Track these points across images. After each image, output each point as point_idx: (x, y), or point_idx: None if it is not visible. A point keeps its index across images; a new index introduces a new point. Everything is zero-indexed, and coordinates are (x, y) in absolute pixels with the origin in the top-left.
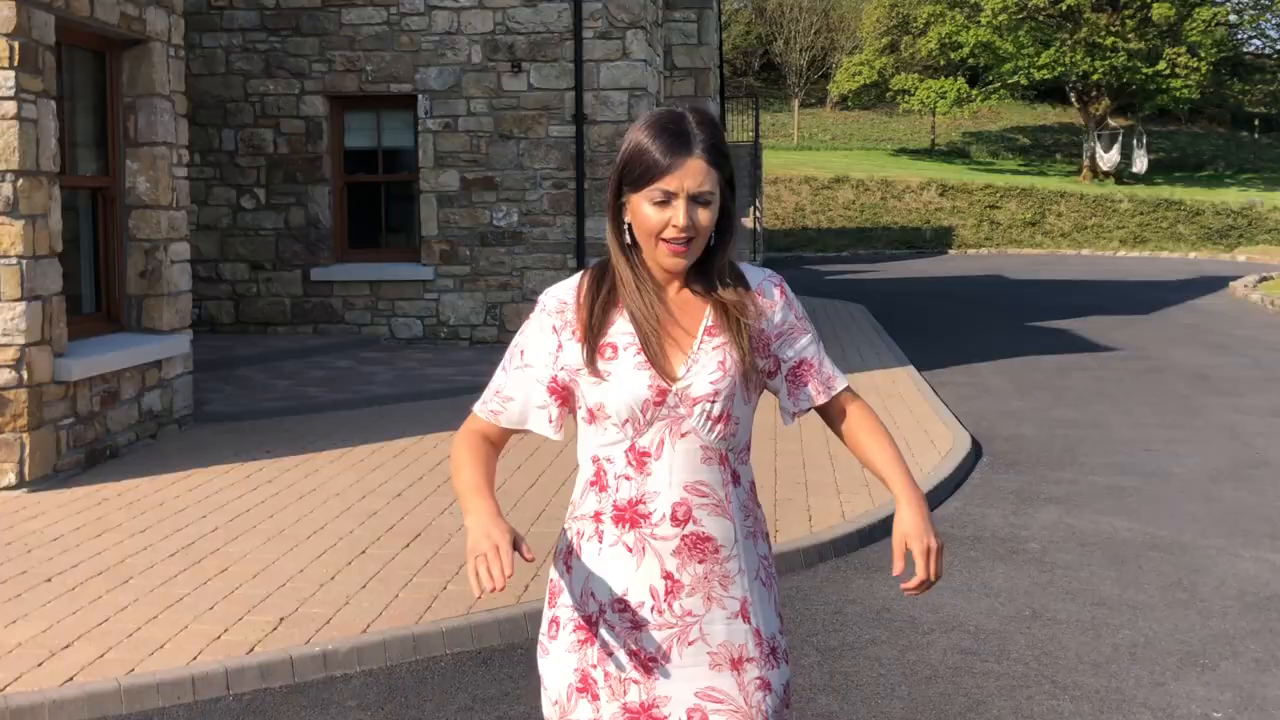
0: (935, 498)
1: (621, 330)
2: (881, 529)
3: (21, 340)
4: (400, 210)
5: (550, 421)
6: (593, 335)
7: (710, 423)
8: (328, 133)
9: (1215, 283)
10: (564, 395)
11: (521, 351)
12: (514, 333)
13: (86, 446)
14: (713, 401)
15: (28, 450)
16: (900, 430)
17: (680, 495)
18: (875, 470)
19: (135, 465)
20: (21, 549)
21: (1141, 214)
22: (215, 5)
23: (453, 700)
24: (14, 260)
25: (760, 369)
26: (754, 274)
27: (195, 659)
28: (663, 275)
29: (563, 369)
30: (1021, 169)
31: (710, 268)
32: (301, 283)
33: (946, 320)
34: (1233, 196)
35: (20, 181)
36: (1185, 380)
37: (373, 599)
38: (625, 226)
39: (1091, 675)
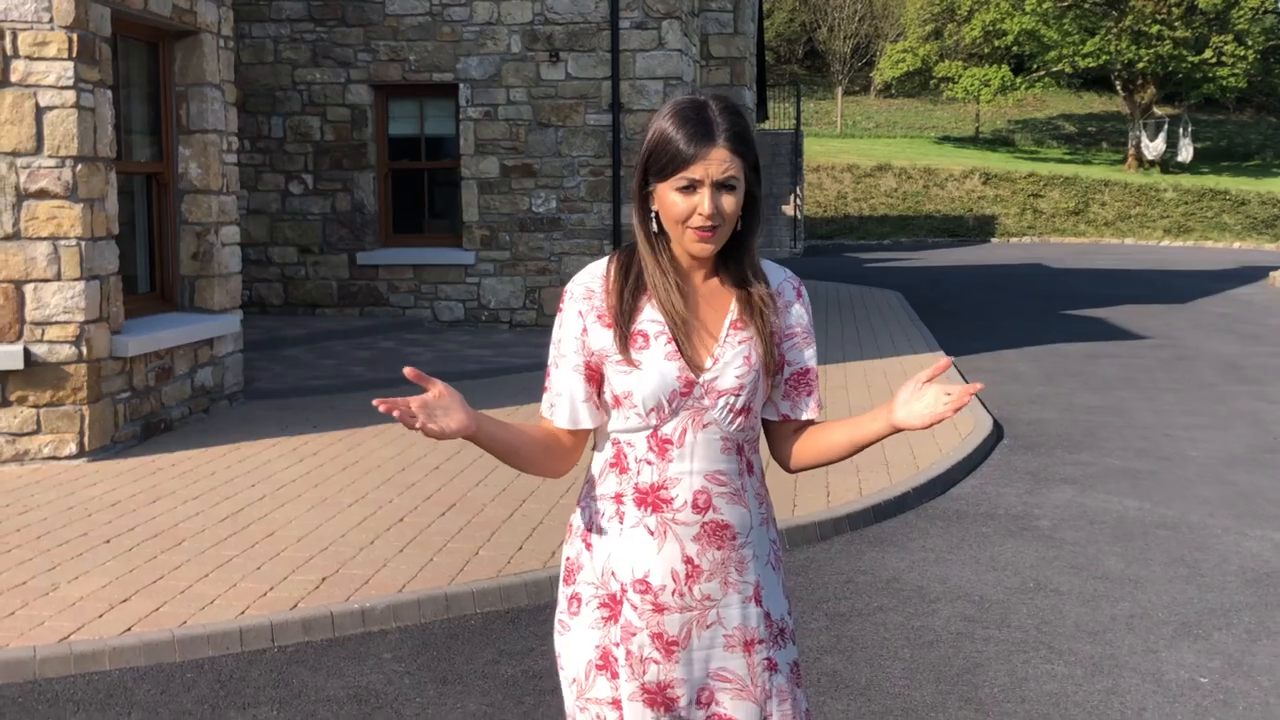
0: (951, 478)
1: (651, 318)
2: (895, 505)
3: (81, 318)
4: (442, 196)
5: (597, 409)
6: (625, 322)
7: (732, 415)
8: (373, 120)
9: (1256, 272)
10: (599, 380)
11: (558, 343)
12: (553, 316)
13: (142, 419)
14: (737, 395)
15: (87, 422)
16: None
17: (701, 484)
18: (843, 432)
19: (188, 438)
20: (82, 513)
21: (1186, 203)
22: None
23: (481, 654)
24: (73, 241)
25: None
26: (775, 272)
27: (243, 613)
28: (689, 263)
29: (591, 354)
30: (1067, 157)
31: (738, 256)
32: (348, 266)
33: (981, 308)
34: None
35: (79, 167)
36: (1213, 369)
37: (409, 562)
38: (652, 215)
39: (1087, 643)
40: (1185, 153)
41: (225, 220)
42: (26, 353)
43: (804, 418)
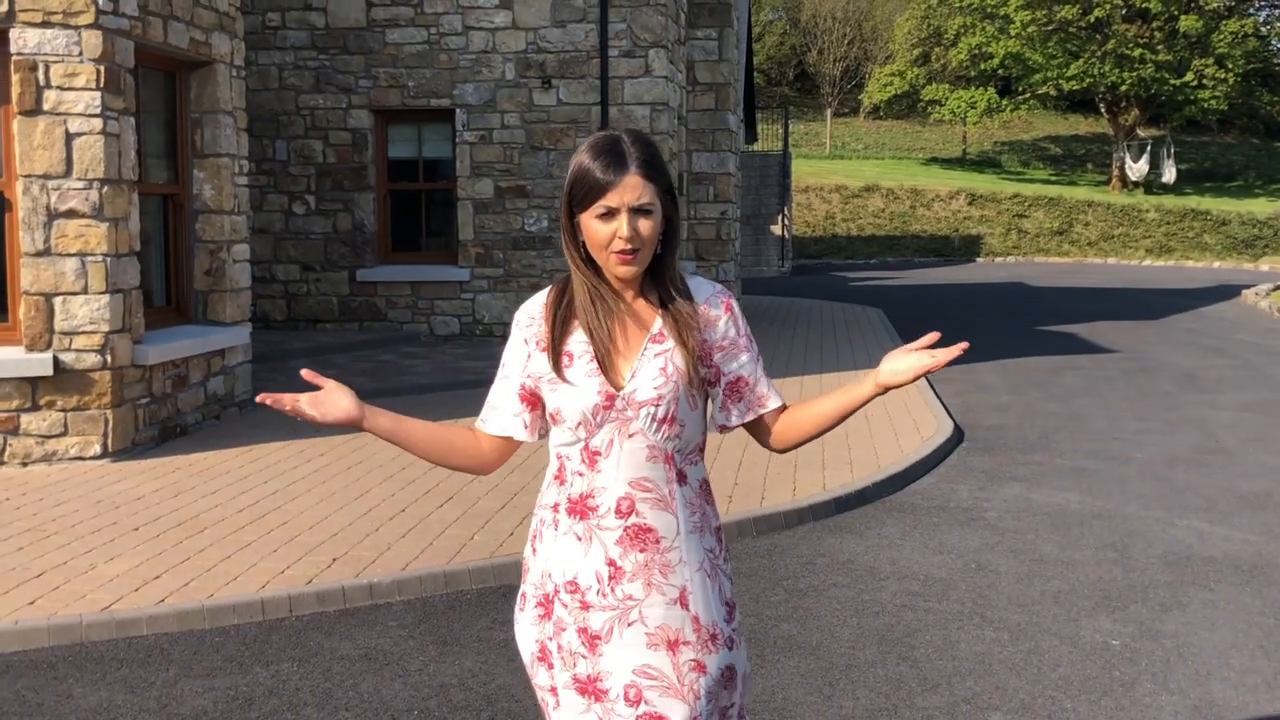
0: (910, 476)
1: (578, 340)
2: (856, 499)
3: (106, 328)
4: (439, 216)
5: (525, 427)
6: (555, 345)
7: (656, 424)
8: (373, 144)
9: (1230, 290)
10: (533, 401)
11: (504, 364)
12: None
13: (160, 424)
14: (657, 405)
15: (111, 425)
16: (890, 417)
17: (625, 490)
18: (830, 402)
19: (202, 441)
20: (110, 506)
21: (1168, 223)
22: (270, 26)
23: (477, 622)
24: (100, 258)
25: (703, 377)
26: (703, 288)
27: (263, 587)
28: (619, 285)
29: (529, 376)
30: (1052, 179)
31: (661, 275)
32: (348, 283)
33: (959, 324)
34: (1261, 207)
35: (105, 189)
36: (1172, 379)
37: (411, 546)
38: (581, 243)
39: (1016, 613)
40: (1169, 174)
41: (236, 239)
42: (55, 360)
43: (734, 424)
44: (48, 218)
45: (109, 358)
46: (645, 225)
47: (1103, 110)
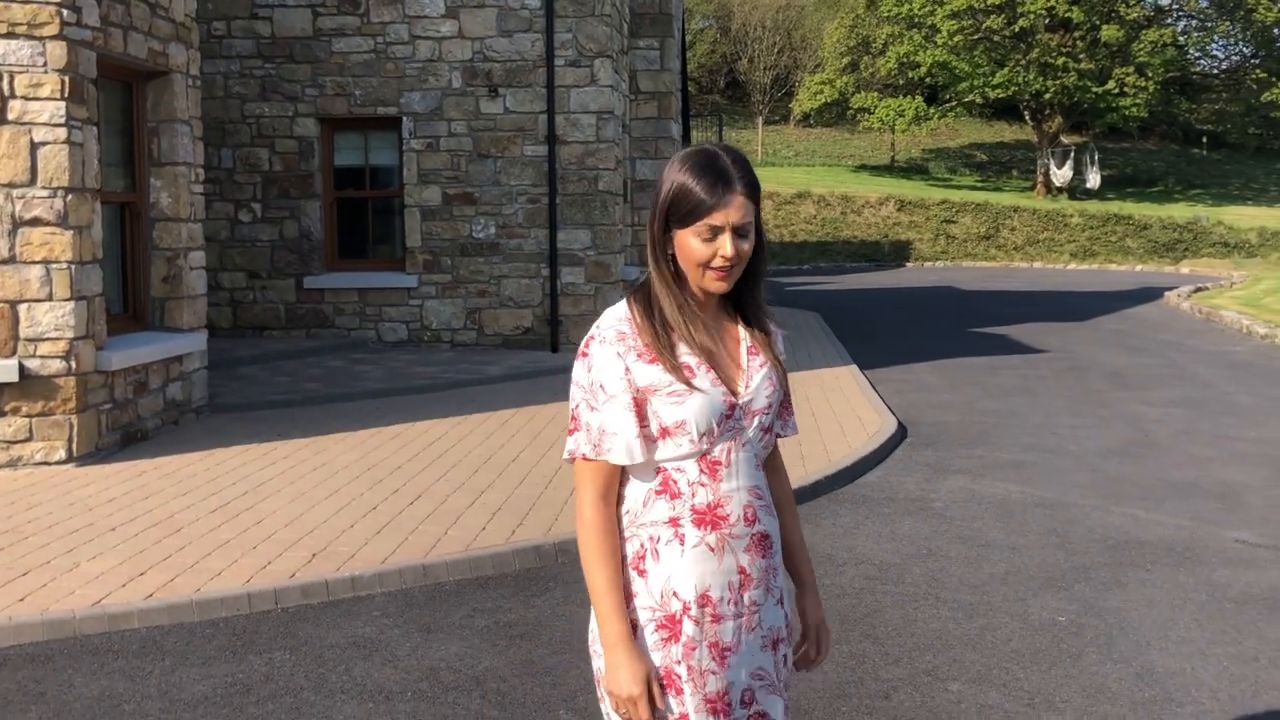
0: (859, 469)
1: (685, 352)
2: (810, 492)
3: (71, 334)
4: (386, 223)
5: (643, 445)
6: (670, 355)
7: (762, 433)
8: (319, 152)
9: (1153, 293)
10: (643, 418)
11: (602, 385)
12: (492, 335)
13: (122, 429)
14: (766, 414)
15: (75, 430)
16: (835, 416)
17: (747, 499)
18: (790, 537)
19: (163, 445)
20: (84, 508)
21: (1091, 228)
22: (215, 35)
23: (457, 611)
24: (64, 265)
25: None
26: None
27: (248, 582)
28: (701, 299)
29: (639, 391)
30: (978, 185)
31: (749, 294)
32: (295, 290)
33: (894, 327)
34: (1180, 211)
35: (70, 197)
36: (1102, 377)
37: (387, 541)
38: (670, 257)
39: (968, 594)
40: (1093, 179)
41: (193, 246)
42: (20, 367)
43: (790, 434)
44: (12, 226)
45: (73, 364)
46: (745, 245)
47: (1027, 118)
